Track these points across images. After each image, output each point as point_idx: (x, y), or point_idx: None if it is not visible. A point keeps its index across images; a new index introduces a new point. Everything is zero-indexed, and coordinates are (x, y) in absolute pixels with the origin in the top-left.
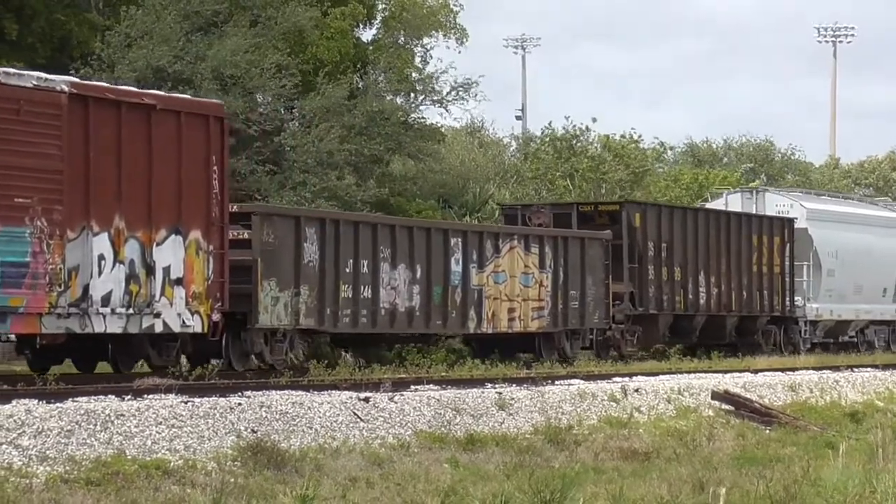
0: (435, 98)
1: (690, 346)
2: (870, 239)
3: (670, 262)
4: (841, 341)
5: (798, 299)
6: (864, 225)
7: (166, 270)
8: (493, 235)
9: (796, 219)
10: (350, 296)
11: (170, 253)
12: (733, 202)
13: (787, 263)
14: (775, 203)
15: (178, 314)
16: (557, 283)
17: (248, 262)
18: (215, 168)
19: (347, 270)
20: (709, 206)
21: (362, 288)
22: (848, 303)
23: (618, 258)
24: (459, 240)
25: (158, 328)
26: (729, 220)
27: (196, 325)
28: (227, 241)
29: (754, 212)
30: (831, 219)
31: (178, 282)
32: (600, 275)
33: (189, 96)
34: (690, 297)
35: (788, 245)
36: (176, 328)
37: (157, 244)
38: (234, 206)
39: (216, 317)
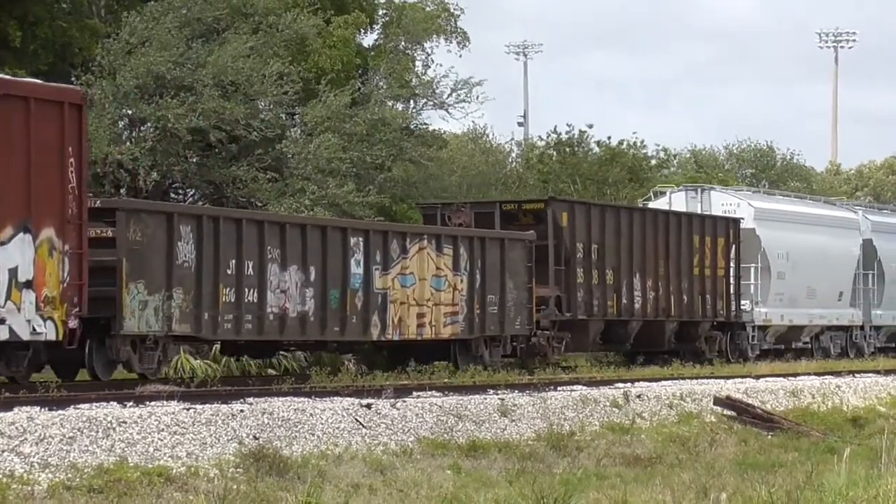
0: (436, 102)
1: (629, 354)
2: (823, 240)
3: (601, 265)
4: (795, 347)
5: (745, 303)
6: (818, 225)
7: (12, 272)
8: (400, 235)
9: (743, 219)
10: (232, 300)
11: (17, 253)
12: (677, 201)
13: (732, 266)
14: (722, 202)
15: (27, 320)
16: (474, 286)
17: (112, 262)
18: (72, 160)
19: (229, 272)
20: (652, 205)
21: (247, 291)
22: (800, 307)
23: (543, 260)
24: (360, 239)
25: (3, 336)
26: (668, 220)
27: (49, 333)
28: (86, 240)
29: (699, 211)
30: (781, 218)
31: (28, 285)
32: (523, 278)
33: (40, 81)
34: (624, 301)
35: (734, 246)
36: (25, 336)
37: (2, 244)
38: (97, 202)
39: (73, 323)
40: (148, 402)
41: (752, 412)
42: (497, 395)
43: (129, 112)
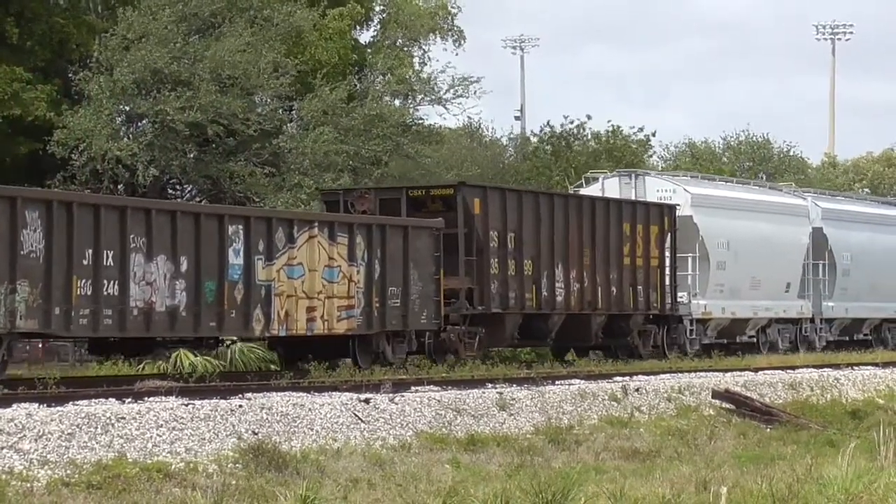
0: (433, 98)
1: (559, 349)
2: (768, 228)
3: (519, 255)
4: (740, 342)
5: (682, 295)
6: (762, 212)
7: None
8: (286, 222)
9: (679, 205)
10: (88, 293)
11: None
12: (611, 187)
13: (667, 255)
14: (657, 188)
15: None
16: (372, 277)
17: None
18: None
19: (85, 263)
20: (585, 191)
21: (106, 283)
22: (743, 299)
23: (453, 250)
24: (240, 227)
25: None
26: (593, 206)
27: None
28: None
29: (633, 197)
30: (721, 205)
31: None
32: (429, 269)
33: None
34: (545, 293)
35: (670, 234)
36: None
37: None
38: None
39: None
40: (146, 398)
41: (751, 405)
42: (495, 389)
43: (127, 108)
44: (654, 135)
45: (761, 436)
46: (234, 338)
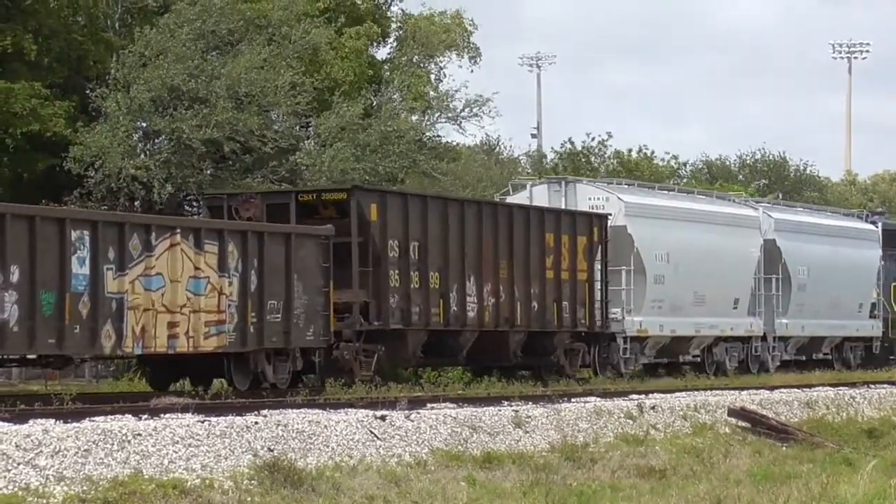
0: (449, 115)
1: (482, 369)
2: (714, 239)
3: (423, 266)
4: (683, 361)
5: (615, 312)
6: (706, 223)
7: None
8: (142, 228)
9: (611, 215)
10: None
11: None
12: (539, 195)
13: (597, 268)
14: (589, 196)
15: None
16: (247, 290)
17: None
18: None
19: None
20: (511, 199)
21: None
22: (685, 315)
23: (347, 260)
24: (85, 233)
25: None
26: (511, 215)
27: None
28: None
29: (564, 206)
30: (659, 215)
31: None
32: (317, 281)
33: None
34: (454, 308)
35: (600, 246)
36: None
37: None
38: None
39: None
40: (162, 415)
41: (767, 423)
42: (511, 406)
43: (144, 125)
44: (684, 164)
45: (777, 454)
46: (86, 356)
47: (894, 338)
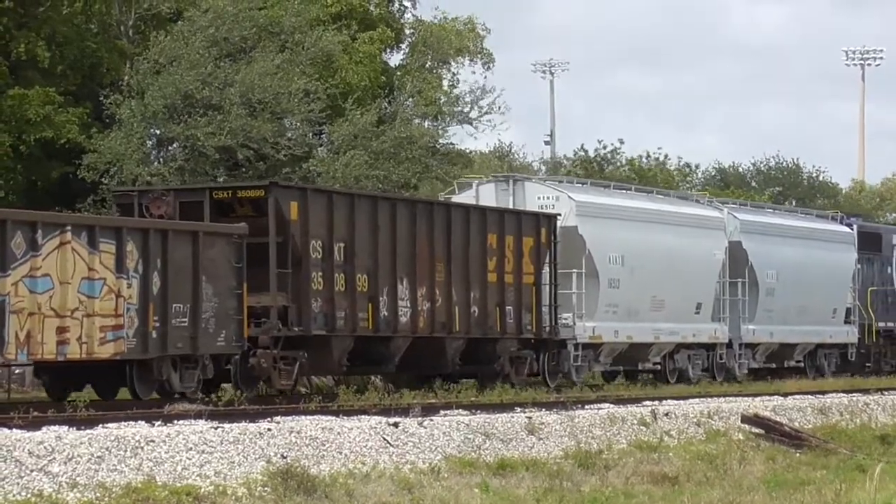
0: (461, 118)
1: (421, 378)
2: (674, 241)
3: (350, 268)
4: (642, 369)
5: (566, 317)
6: (665, 224)
7: None
8: (27, 226)
9: (560, 215)
10: None
11: None
12: (486, 194)
13: (545, 271)
14: (538, 195)
15: None
16: (149, 292)
17: None
18: None
19: None
20: (457, 198)
21: None
22: (643, 321)
23: (263, 261)
24: None
25: None
26: (448, 215)
27: None
28: None
29: (512, 206)
30: (613, 215)
31: None
32: (228, 283)
33: None
34: (385, 313)
35: (549, 247)
36: None
37: None
38: None
39: None
40: (176, 421)
41: (780, 430)
42: (524, 413)
43: (157, 132)
44: (696, 167)
45: (790, 460)
46: None
47: (871, 344)
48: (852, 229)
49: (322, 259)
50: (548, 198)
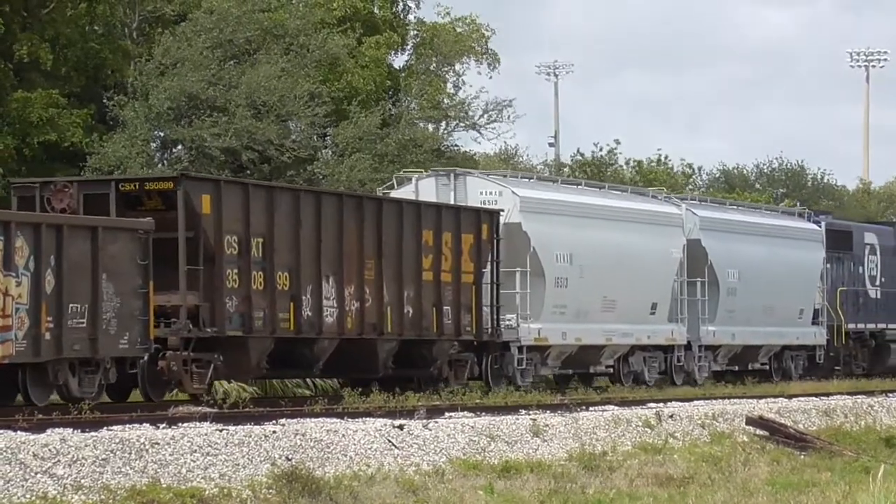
0: (467, 123)
1: (357, 381)
2: (627, 239)
3: (270, 265)
4: (594, 372)
5: (510, 318)
6: (617, 220)
7: None
8: None
9: (503, 210)
10: None
11: None
12: (426, 189)
13: (486, 270)
14: (481, 190)
15: None
16: (42, 291)
17: None
18: None
19: None
20: (396, 193)
21: None
22: (593, 322)
23: (173, 258)
24: None
25: None
26: (379, 210)
27: None
28: None
29: (453, 201)
30: (561, 211)
31: None
32: (132, 281)
33: None
34: (308, 313)
35: (490, 245)
36: None
37: None
38: None
39: None
40: (180, 424)
41: (785, 432)
42: (529, 415)
43: (162, 133)
44: (699, 168)
45: (795, 463)
46: None
47: (840, 347)
48: (820, 226)
49: (238, 255)
50: (490, 193)
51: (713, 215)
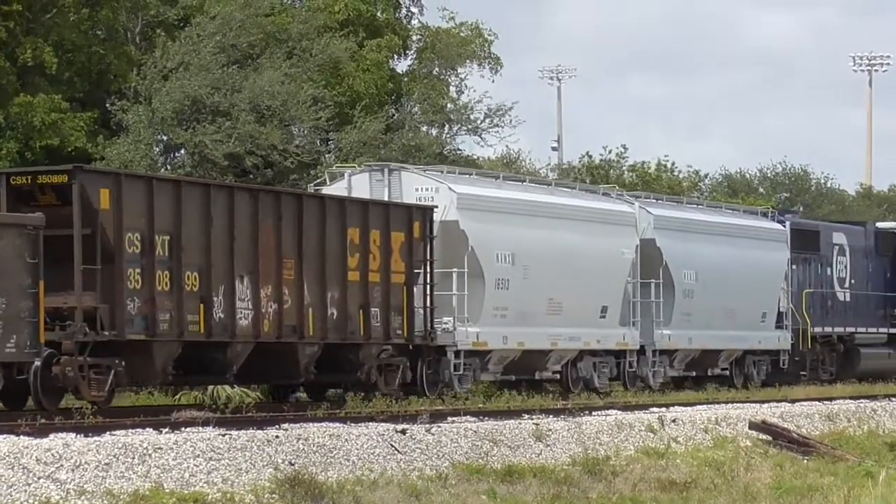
0: (470, 127)
1: (275, 391)
2: (574, 238)
3: (177, 265)
4: (540, 378)
5: (447, 321)
6: (564, 219)
7: None
8: None
9: (438, 208)
10: None
11: None
12: (359, 185)
13: (419, 270)
14: (416, 186)
15: None
16: None
17: None
18: None
19: None
20: (328, 190)
21: None
22: (537, 326)
23: (68, 256)
24: None
25: None
26: (300, 206)
27: None
28: None
29: (388, 198)
30: (502, 209)
31: None
32: (20, 280)
33: None
34: (220, 315)
35: (423, 244)
36: None
37: None
38: None
39: None
40: (183, 429)
41: (788, 436)
42: (532, 420)
43: (165, 138)
44: (705, 176)
45: (798, 467)
46: None
47: (806, 351)
48: (785, 226)
49: (140, 254)
50: (427, 189)
51: (668, 214)
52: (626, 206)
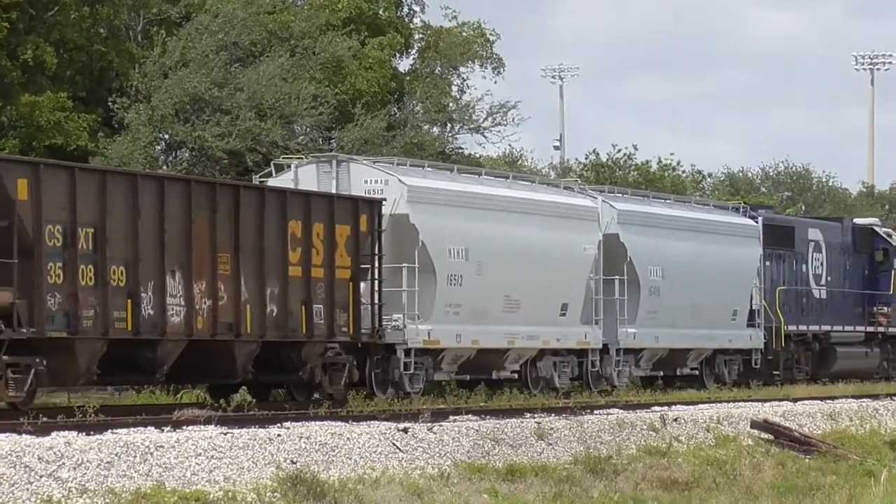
0: (472, 126)
1: (215, 390)
2: (532, 233)
3: (102, 258)
4: (497, 377)
5: (396, 318)
6: (521, 213)
7: None
8: None
9: (386, 200)
10: None
11: None
12: (306, 177)
13: (366, 265)
14: (365, 178)
15: None
16: None
17: None
18: None
19: None
20: (274, 181)
21: None
22: (493, 323)
23: None
24: None
25: None
26: (237, 198)
27: None
28: None
29: (335, 190)
30: (454, 202)
31: None
32: None
33: None
34: (149, 312)
35: (370, 237)
36: None
37: None
38: None
39: None
40: (185, 427)
41: (790, 435)
42: (534, 418)
43: (165, 135)
44: (708, 175)
45: (800, 466)
46: None
47: (780, 350)
48: (757, 222)
49: (62, 247)
50: (376, 181)
51: (633, 208)
52: (587, 200)
